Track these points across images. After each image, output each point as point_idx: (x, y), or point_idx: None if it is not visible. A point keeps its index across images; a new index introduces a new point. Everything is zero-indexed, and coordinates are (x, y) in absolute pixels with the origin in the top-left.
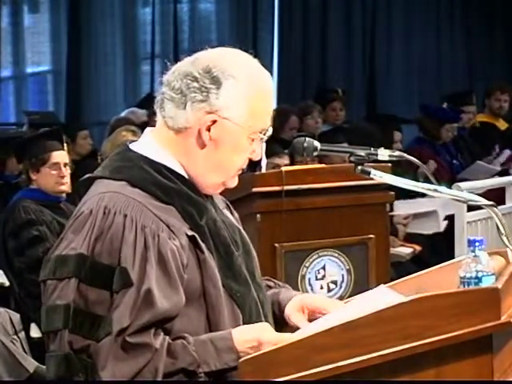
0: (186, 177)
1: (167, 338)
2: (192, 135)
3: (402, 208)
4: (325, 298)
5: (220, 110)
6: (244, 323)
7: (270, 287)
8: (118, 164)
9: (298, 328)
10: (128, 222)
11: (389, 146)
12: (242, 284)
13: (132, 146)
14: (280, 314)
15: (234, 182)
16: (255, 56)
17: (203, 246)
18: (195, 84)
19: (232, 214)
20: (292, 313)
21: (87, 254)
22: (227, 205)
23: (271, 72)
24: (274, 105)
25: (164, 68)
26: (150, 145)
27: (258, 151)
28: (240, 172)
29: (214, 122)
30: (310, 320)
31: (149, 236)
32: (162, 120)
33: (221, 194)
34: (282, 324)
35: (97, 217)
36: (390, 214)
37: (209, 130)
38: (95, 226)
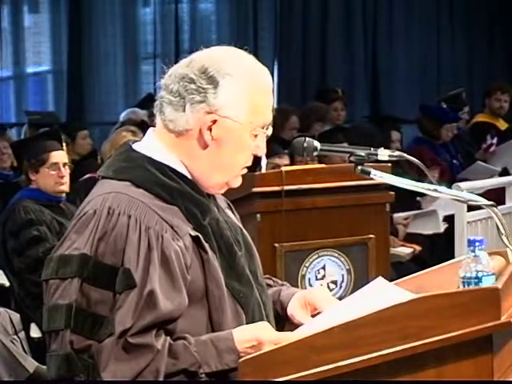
0: (190, 177)
1: (168, 338)
2: (193, 137)
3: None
4: (325, 299)
5: (219, 109)
6: (247, 323)
7: (269, 286)
8: (121, 164)
9: (301, 325)
10: (132, 222)
11: (386, 146)
12: (244, 284)
13: (135, 146)
14: (283, 313)
15: (237, 182)
16: (255, 56)
17: (206, 246)
18: (192, 86)
19: (234, 213)
20: (295, 310)
21: (90, 254)
22: (229, 205)
23: (271, 72)
24: (273, 99)
25: (164, 69)
26: (153, 145)
27: (262, 146)
28: (245, 170)
29: (215, 121)
30: (314, 316)
31: (153, 237)
32: (163, 123)
33: (221, 193)
34: (284, 322)
35: (101, 217)
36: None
37: (210, 130)
38: (99, 227)
